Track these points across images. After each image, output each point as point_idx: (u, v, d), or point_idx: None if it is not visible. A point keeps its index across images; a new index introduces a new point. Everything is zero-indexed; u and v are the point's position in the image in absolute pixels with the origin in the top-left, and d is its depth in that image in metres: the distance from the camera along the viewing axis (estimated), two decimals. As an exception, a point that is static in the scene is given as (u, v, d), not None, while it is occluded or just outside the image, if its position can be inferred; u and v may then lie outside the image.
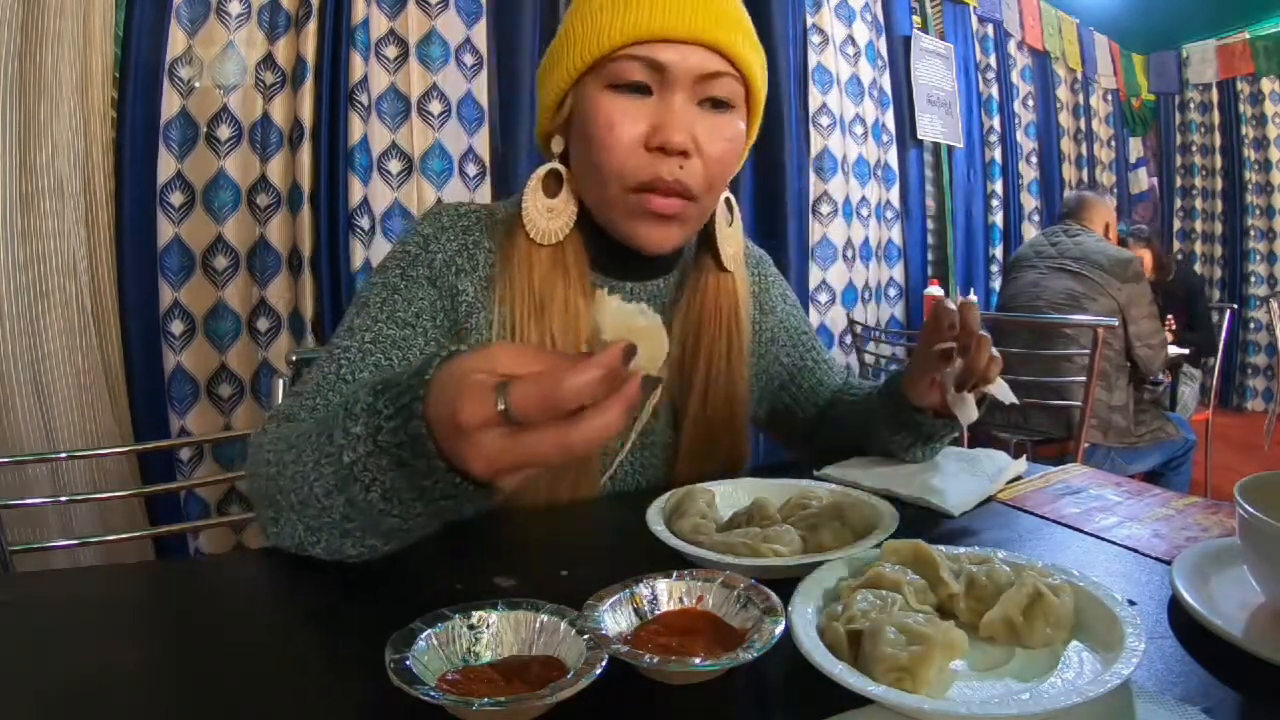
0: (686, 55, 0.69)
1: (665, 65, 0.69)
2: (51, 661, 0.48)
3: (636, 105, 0.70)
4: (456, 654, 0.45)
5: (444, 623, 0.46)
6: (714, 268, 0.82)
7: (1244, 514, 0.49)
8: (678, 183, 0.70)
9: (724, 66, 0.71)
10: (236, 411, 1.80)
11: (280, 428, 0.66)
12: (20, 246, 1.50)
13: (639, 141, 0.70)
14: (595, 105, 0.71)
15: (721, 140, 0.72)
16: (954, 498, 0.73)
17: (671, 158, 0.69)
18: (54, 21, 1.50)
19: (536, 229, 0.75)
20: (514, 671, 0.43)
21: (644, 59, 0.69)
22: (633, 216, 0.72)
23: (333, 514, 0.54)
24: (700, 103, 0.72)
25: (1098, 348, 2.04)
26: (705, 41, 0.70)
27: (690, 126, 0.70)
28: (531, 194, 0.75)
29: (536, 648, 0.46)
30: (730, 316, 0.83)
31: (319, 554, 0.59)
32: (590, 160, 0.72)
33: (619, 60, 0.69)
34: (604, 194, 0.73)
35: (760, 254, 0.96)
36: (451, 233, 0.77)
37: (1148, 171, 5.08)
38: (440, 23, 1.97)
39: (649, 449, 0.82)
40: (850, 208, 2.93)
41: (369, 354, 0.71)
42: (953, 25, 3.58)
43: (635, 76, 0.70)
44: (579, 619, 0.46)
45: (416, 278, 0.75)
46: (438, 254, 0.76)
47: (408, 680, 0.40)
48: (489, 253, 0.77)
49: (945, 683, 0.43)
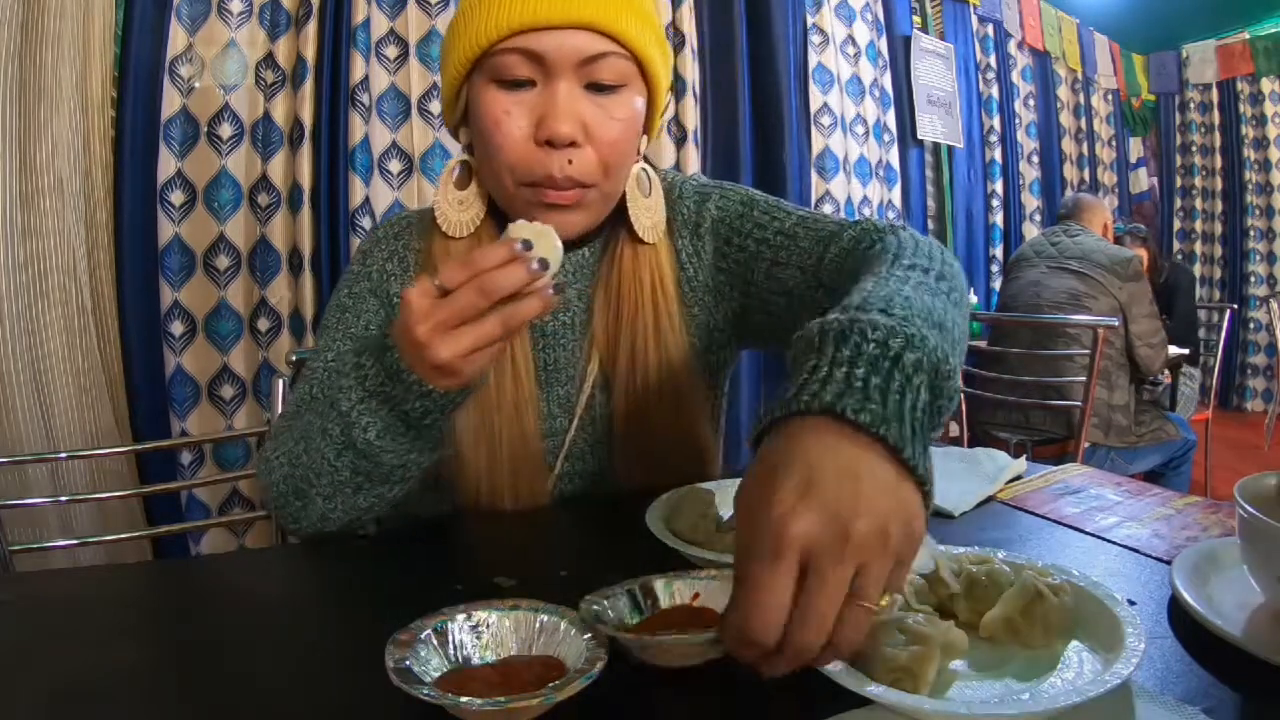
0: (564, 40, 0.68)
1: (543, 54, 0.68)
2: (51, 661, 0.48)
3: (521, 99, 0.69)
4: (457, 654, 0.45)
5: (445, 622, 0.46)
6: (630, 240, 0.80)
7: (1244, 514, 0.49)
8: (568, 179, 0.69)
9: (609, 46, 0.69)
10: (238, 413, 1.79)
11: (278, 445, 0.72)
12: (20, 245, 1.50)
13: (526, 136, 0.69)
14: (482, 102, 0.70)
15: (612, 122, 0.71)
16: (954, 498, 0.73)
17: (561, 151, 0.69)
18: (54, 22, 1.50)
19: (448, 222, 0.76)
20: (514, 672, 0.43)
21: (522, 50, 0.68)
22: (531, 208, 0.72)
23: (343, 473, 0.64)
24: (587, 86, 0.70)
25: (1099, 347, 2.04)
26: (584, 23, 0.68)
27: (577, 115, 0.69)
28: (443, 187, 0.76)
29: (537, 648, 0.46)
30: (655, 288, 0.80)
31: (338, 519, 0.68)
32: (485, 156, 0.73)
33: (500, 54, 0.68)
34: (501, 188, 0.73)
35: (705, 191, 0.84)
36: (385, 243, 0.82)
37: (1148, 171, 5.08)
38: (441, 22, 1.97)
39: (596, 423, 0.81)
40: (852, 208, 2.93)
41: (332, 373, 0.75)
42: (953, 25, 3.58)
43: (517, 71, 0.69)
44: (578, 616, 0.46)
45: (360, 293, 0.80)
46: (373, 266, 0.81)
47: (408, 680, 0.40)
48: (418, 253, 0.80)
49: (945, 683, 0.43)
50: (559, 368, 0.80)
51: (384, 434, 0.62)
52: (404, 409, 0.60)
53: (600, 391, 0.80)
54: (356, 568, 0.64)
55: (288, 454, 0.69)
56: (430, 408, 0.60)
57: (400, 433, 0.62)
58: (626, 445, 0.80)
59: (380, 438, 0.62)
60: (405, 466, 0.65)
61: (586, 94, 0.70)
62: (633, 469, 0.80)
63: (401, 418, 0.61)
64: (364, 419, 0.61)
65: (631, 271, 0.79)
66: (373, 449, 0.62)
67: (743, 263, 0.80)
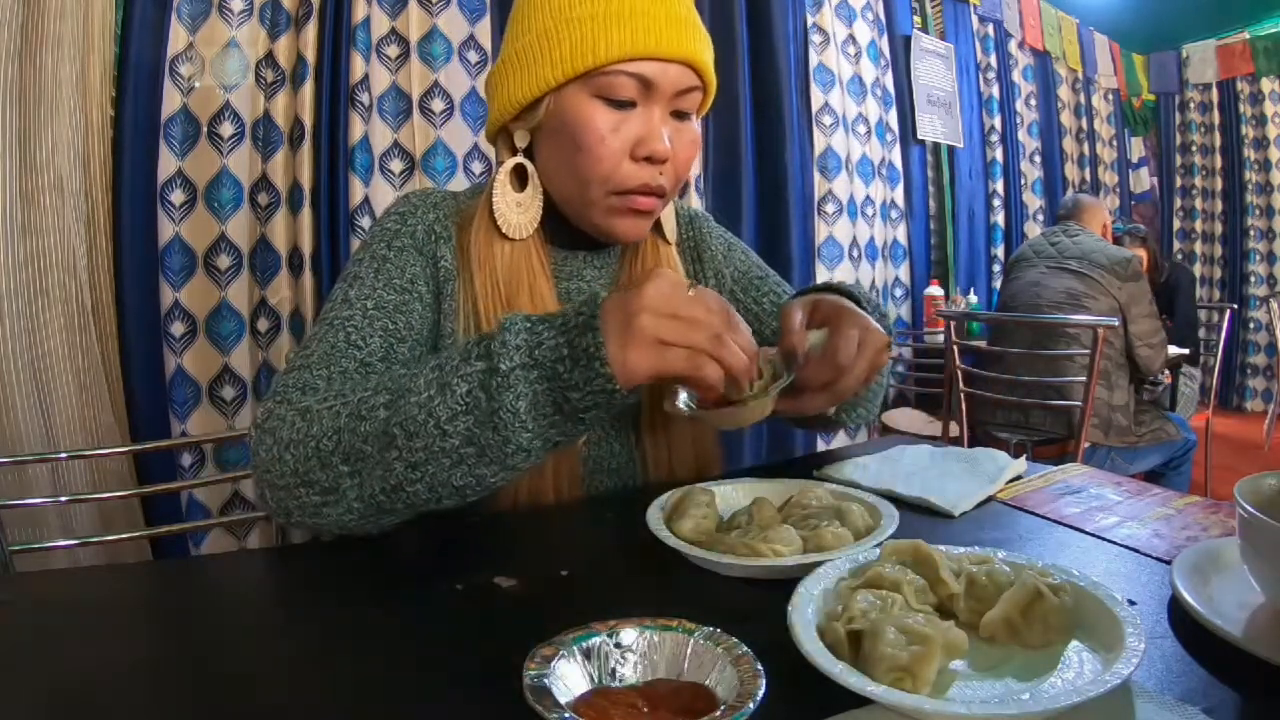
0: (668, 71, 0.74)
1: (652, 81, 0.74)
2: (51, 661, 0.48)
3: (625, 117, 0.75)
4: (600, 671, 0.43)
5: (590, 638, 0.44)
6: (655, 240, 0.89)
7: (1244, 514, 0.49)
8: (659, 187, 0.76)
9: (696, 81, 0.77)
10: (239, 415, 1.79)
11: (308, 396, 0.65)
12: (20, 244, 1.50)
13: (625, 151, 0.75)
14: (584, 115, 0.74)
15: (688, 145, 0.78)
16: (954, 498, 0.73)
17: (655, 165, 0.75)
18: (54, 22, 1.50)
19: (508, 223, 0.79)
20: (659, 699, 0.41)
21: (635, 75, 0.73)
22: (612, 214, 0.77)
23: (452, 438, 0.57)
24: (671, 112, 0.77)
25: (1098, 347, 2.04)
26: (687, 59, 0.75)
27: (666, 136, 0.76)
28: (500, 188, 0.79)
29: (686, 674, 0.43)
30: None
31: (415, 493, 0.60)
32: (571, 163, 0.76)
33: (611, 74, 0.73)
34: (583, 194, 0.77)
35: (694, 213, 0.99)
36: (424, 208, 0.82)
37: (1149, 171, 5.08)
38: (441, 20, 1.97)
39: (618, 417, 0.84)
40: (855, 207, 2.93)
41: (374, 319, 0.73)
42: (953, 25, 3.58)
43: (626, 93, 0.74)
44: (732, 646, 0.43)
45: (403, 248, 0.79)
46: (417, 225, 0.81)
47: (541, 699, 0.38)
48: (455, 232, 0.82)
49: (945, 683, 0.43)
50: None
51: (533, 409, 0.56)
52: (570, 395, 0.56)
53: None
54: (356, 568, 0.64)
55: (349, 409, 0.61)
56: (599, 403, 0.57)
57: (548, 414, 0.57)
58: (652, 434, 0.85)
59: (529, 412, 0.56)
60: (529, 452, 0.58)
61: (670, 119, 0.77)
62: (657, 456, 0.85)
63: (560, 402, 0.57)
64: (519, 386, 0.56)
65: (653, 264, 0.87)
66: (514, 421, 0.56)
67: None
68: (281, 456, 0.62)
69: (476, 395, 0.57)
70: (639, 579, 0.61)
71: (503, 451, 0.57)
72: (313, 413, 0.62)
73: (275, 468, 0.62)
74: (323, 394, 0.66)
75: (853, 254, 2.92)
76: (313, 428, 0.61)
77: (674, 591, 0.58)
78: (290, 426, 0.62)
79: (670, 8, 0.74)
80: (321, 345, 0.71)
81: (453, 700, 0.44)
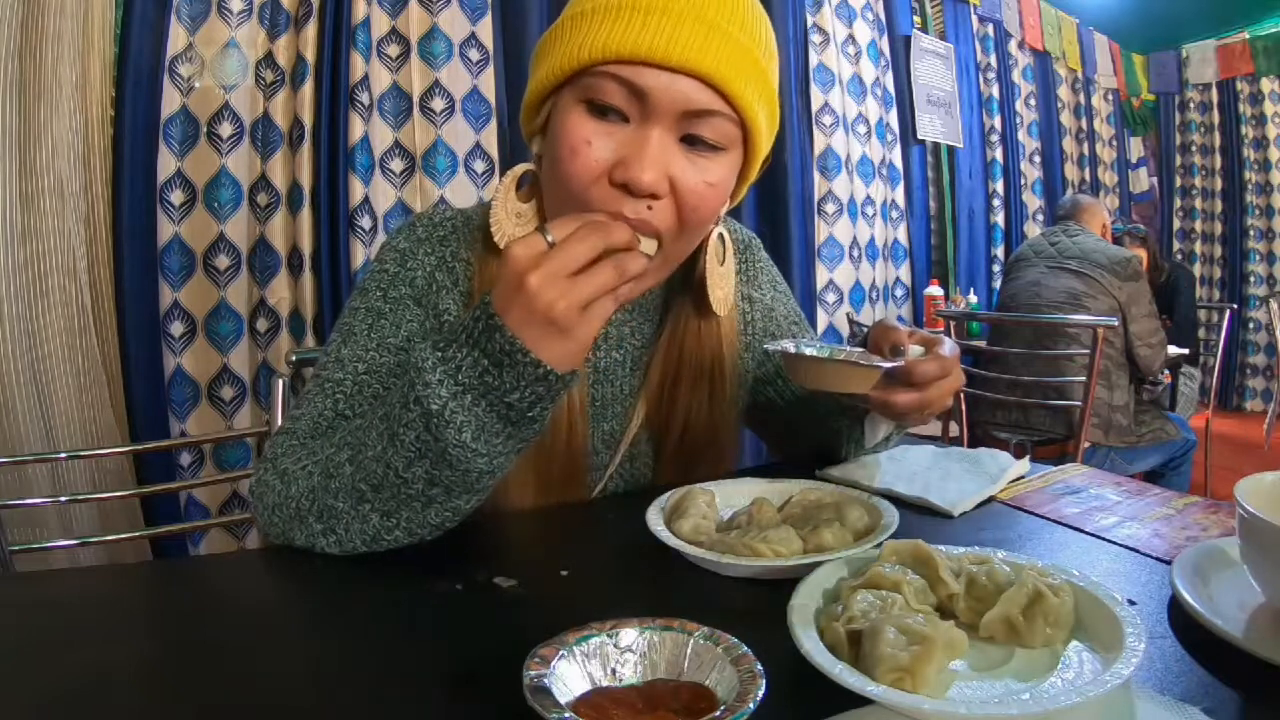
0: (672, 84, 0.60)
1: (646, 92, 0.60)
2: (51, 661, 0.48)
3: (609, 130, 0.61)
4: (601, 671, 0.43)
5: (590, 638, 0.43)
6: (696, 313, 0.77)
7: (1244, 514, 0.49)
8: (644, 223, 0.61)
9: (717, 104, 0.61)
10: (238, 415, 1.79)
11: (287, 459, 0.66)
12: (20, 246, 1.50)
13: (602, 171, 0.61)
14: (565, 122, 0.62)
15: (701, 184, 0.63)
16: (954, 498, 0.73)
17: (639, 199, 0.61)
18: (54, 21, 1.50)
19: (504, 235, 0.68)
20: (658, 698, 0.40)
21: (622, 80, 0.60)
22: None
23: (415, 485, 0.58)
24: (684, 138, 0.62)
25: (1098, 347, 2.04)
26: (695, 70, 0.59)
27: (664, 166, 0.61)
28: (503, 195, 0.69)
29: (686, 673, 0.43)
30: (714, 364, 0.79)
31: (395, 539, 0.61)
32: (551, 176, 0.65)
33: (597, 76, 0.60)
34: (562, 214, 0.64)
35: (749, 238, 0.90)
36: (428, 245, 0.74)
37: (1149, 171, 5.08)
38: (442, 19, 1.97)
39: (636, 460, 0.82)
40: (855, 207, 2.93)
41: (365, 385, 0.69)
42: (953, 25, 3.58)
43: (612, 100, 0.60)
44: (732, 646, 0.43)
45: (400, 298, 0.72)
46: (417, 271, 0.73)
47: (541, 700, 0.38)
48: (467, 265, 0.74)
49: (945, 683, 0.43)
50: (606, 403, 0.79)
51: (480, 434, 0.55)
52: (509, 400, 0.54)
53: (643, 430, 0.81)
54: (356, 569, 0.63)
55: (320, 468, 0.62)
56: (541, 394, 0.55)
57: (497, 431, 0.56)
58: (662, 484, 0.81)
59: (476, 439, 0.55)
60: (493, 472, 0.58)
61: (681, 146, 0.62)
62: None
63: (503, 413, 0.55)
64: (458, 418, 0.54)
65: (695, 347, 0.77)
66: (465, 453, 0.55)
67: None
68: (270, 520, 0.64)
69: (424, 439, 0.56)
70: (639, 579, 0.61)
71: (465, 481, 0.58)
72: (289, 474, 0.64)
73: (269, 530, 0.65)
74: (297, 455, 0.66)
75: (853, 254, 2.92)
76: (290, 489, 0.63)
77: (674, 591, 0.58)
78: (273, 491, 0.64)
79: (701, 9, 0.60)
80: (311, 410, 0.69)
81: (453, 700, 0.44)
